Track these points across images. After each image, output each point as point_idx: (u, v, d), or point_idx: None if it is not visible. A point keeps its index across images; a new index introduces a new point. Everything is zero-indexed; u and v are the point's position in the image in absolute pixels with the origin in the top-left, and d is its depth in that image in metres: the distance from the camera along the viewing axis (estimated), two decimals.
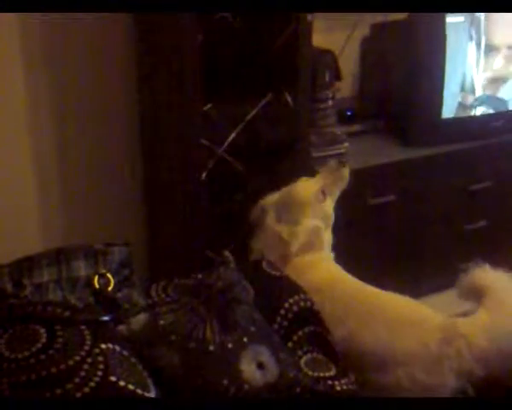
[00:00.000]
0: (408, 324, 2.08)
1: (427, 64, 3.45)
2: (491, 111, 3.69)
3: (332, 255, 2.49)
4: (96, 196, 3.24)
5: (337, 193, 2.58)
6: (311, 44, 3.04)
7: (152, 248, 3.27)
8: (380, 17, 3.63)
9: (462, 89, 3.57)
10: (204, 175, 2.87)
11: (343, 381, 1.96)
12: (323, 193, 2.51)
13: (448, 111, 3.57)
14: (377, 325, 2.11)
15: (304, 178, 2.58)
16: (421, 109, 3.53)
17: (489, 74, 3.61)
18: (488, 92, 3.65)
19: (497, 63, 3.60)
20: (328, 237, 2.52)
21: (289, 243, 2.40)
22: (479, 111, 3.67)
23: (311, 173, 2.60)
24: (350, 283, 2.32)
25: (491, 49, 3.56)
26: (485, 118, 3.69)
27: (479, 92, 3.62)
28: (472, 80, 3.57)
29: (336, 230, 2.58)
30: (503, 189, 3.77)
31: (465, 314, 3.40)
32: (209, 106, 2.80)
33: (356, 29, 3.64)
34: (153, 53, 2.90)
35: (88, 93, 3.11)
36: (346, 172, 2.58)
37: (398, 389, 2.00)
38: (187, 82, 2.74)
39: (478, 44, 3.50)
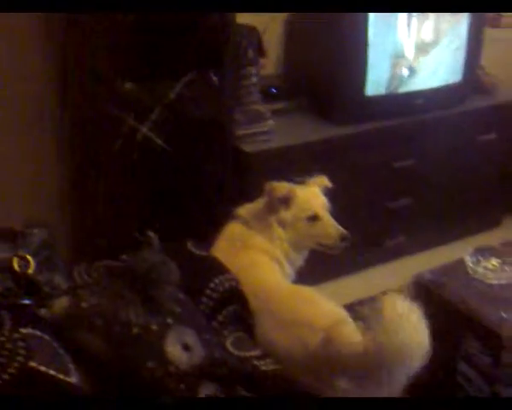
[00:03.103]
0: (296, 323, 2.08)
1: (352, 42, 3.46)
2: (415, 88, 3.73)
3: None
4: (16, 177, 3.16)
5: None
6: (234, 21, 3.02)
7: (75, 229, 3.21)
8: None
9: (393, 62, 3.61)
10: (129, 154, 2.83)
11: (268, 360, 1.97)
12: None
13: (376, 88, 3.60)
14: (268, 323, 2.13)
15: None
16: (346, 87, 3.54)
17: (419, 41, 3.66)
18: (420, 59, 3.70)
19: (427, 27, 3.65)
20: None
21: None
22: (408, 85, 3.71)
23: None
24: (268, 279, 2.34)
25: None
26: (408, 95, 3.73)
27: (410, 61, 3.66)
28: (402, 51, 3.62)
29: None
30: (427, 166, 3.83)
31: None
32: (132, 84, 2.76)
33: None
34: (77, 32, 2.83)
35: (7, 75, 3.02)
36: None
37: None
38: (107, 59, 2.69)
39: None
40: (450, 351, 2.57)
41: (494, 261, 2.69)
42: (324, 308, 2.16)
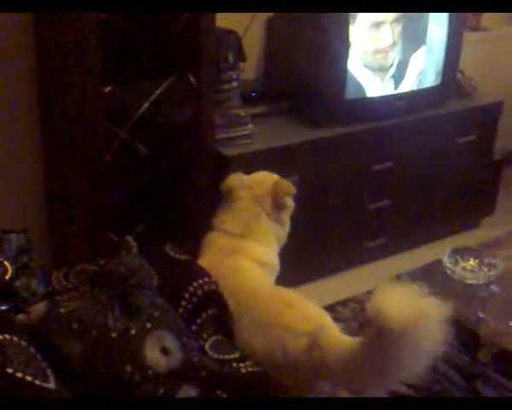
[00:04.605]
0: (276, 326, 2.07)
1: (332, 45, 3.46)
2: (394, 91, 3.75)
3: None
4: None
5: None
6: (214, 25, 3.02)
7: (53, 234, 3.20)
8: None
9: (374, 65, 3.63)
10: (107, 157, 2.82)
11: (248, 363, 1.97)
12: None
13: (356, 91, 3.61)
14: (248, 326, 2.11)
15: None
16: (325, 90, 3.55)
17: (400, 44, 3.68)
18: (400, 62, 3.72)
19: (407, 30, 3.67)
20: None
21: None
22: (388, 89, 3.73)
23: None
24: (249, 281, 2.32)
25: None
26: (387, 98, 3.75)
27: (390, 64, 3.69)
28: (383, 54, 3.64)
29: None
30: (405, 169, 3.85)
31: (369, 292, 3.50)
32: (110, 87, 2.75)
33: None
34: (52, 34, 2.82)
35: None
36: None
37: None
38: (87, 63, 2.69)
39: None
40: None
41: (472, 262, 2.72)
42: (306, 312, 2.13)
